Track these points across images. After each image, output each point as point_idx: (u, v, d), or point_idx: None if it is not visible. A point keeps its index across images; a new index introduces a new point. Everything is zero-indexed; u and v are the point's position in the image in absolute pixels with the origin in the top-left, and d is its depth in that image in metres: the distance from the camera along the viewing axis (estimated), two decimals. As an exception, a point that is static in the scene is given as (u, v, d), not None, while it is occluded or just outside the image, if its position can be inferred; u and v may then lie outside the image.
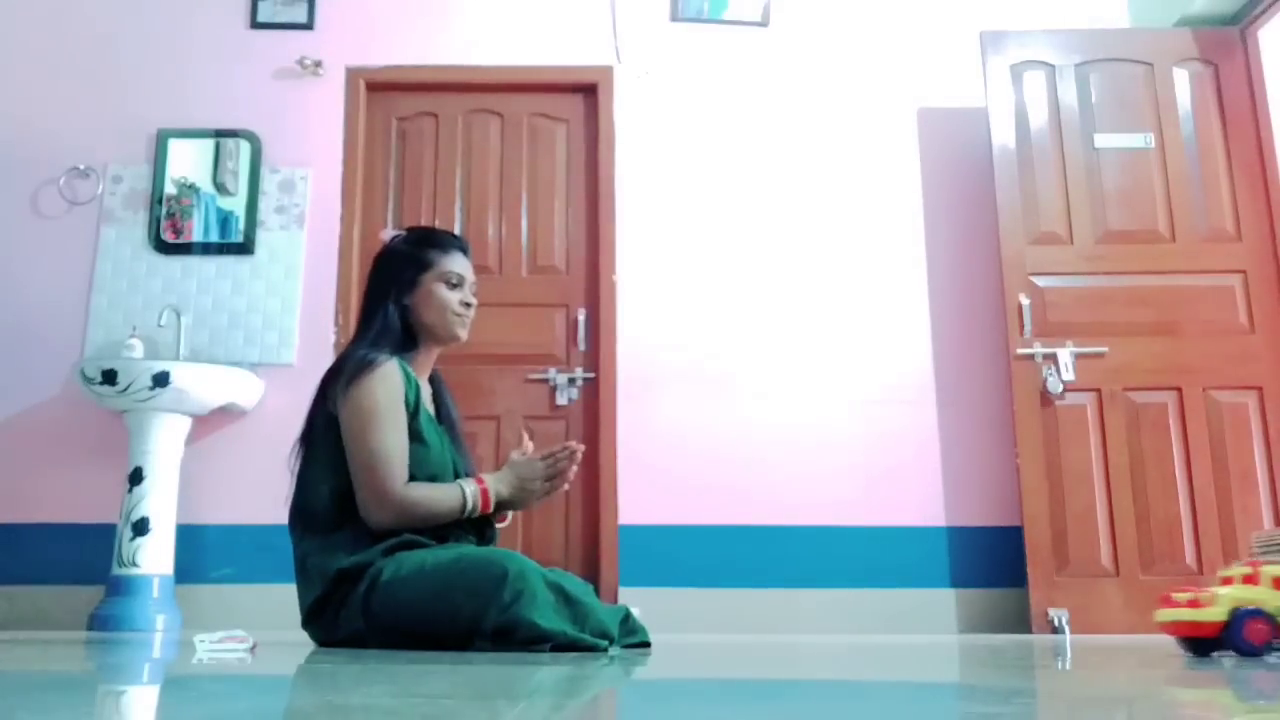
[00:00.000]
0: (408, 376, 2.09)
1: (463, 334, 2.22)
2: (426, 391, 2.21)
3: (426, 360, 2.23)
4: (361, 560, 1.96)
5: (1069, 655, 1.98)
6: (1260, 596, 1.70)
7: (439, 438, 2.13)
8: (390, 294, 2.17)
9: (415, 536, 2.00)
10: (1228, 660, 1.64)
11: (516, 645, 1.78)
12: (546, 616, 1.80)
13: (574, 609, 1.86)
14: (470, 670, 1.33)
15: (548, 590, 1.84)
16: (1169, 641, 1.93)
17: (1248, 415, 3.45)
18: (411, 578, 1.89)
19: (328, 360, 2.85)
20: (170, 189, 3.79)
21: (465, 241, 2.29)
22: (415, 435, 2.06)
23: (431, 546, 2.00)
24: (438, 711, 0.87)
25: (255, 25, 3.95)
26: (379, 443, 1.99)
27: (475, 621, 1.81)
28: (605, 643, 1.85)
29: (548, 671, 1.36)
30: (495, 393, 3.68)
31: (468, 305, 2.22)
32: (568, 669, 1.43)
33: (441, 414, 2.23)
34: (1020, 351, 3.49)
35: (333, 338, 3.68)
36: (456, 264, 2.22)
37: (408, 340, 2.17)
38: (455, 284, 2.21)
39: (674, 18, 3.99)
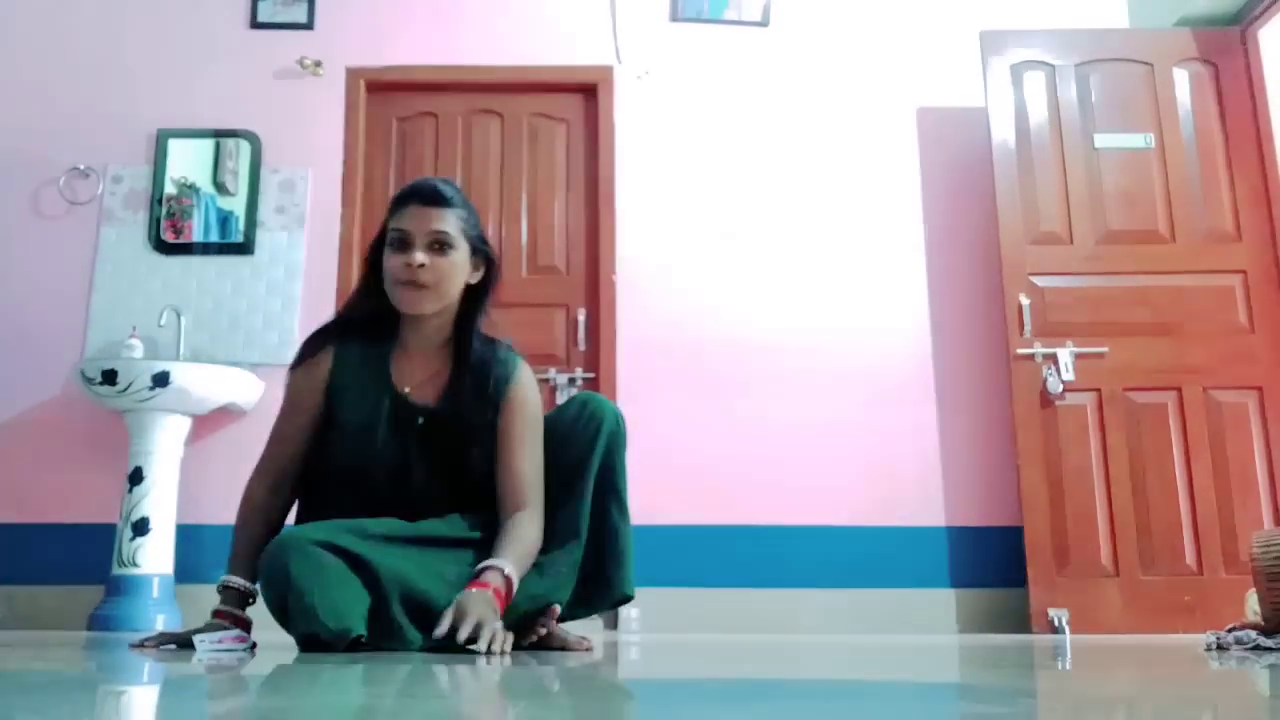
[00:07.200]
0: (342, 360, 1.90)
1: (407, 308, 1.82)
2: (422, 369, 1.90)
3: (415, 335, 1.90)
4: None
5: (1069, 655, 1.97)
6: None
7: (366, 418, 1.84)
8: (369, 271, 1.92)
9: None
10: (1227, 660, 1.64)
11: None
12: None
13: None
14: (469, 670, 1.33)
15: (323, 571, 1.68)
16: (1168, 641, 1.93)
17: (1248, 415, 3.45)
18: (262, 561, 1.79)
19: (328, 360, 2.84)
20: (170, 189, 3.79)
21: (429, 185, 1.85)
22: (329, 420, 1.87)
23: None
24: (438, 711, 0.87)
25: (255, 25, 3.95)
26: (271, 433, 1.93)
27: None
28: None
29: (548, 671, 1.36)
30: (495, 393, 3.68)
31: (410, 266, 1.79)
32: (568, 669, 1.43)
33: (447, 397, 1.88)
34: (1020, 351, 3.49)
35: (333, 338, 3.67)
36: (404, 219, 1.81)
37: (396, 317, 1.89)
38: (396, 244, 1.82)
39: (674, 18, 3.99)
